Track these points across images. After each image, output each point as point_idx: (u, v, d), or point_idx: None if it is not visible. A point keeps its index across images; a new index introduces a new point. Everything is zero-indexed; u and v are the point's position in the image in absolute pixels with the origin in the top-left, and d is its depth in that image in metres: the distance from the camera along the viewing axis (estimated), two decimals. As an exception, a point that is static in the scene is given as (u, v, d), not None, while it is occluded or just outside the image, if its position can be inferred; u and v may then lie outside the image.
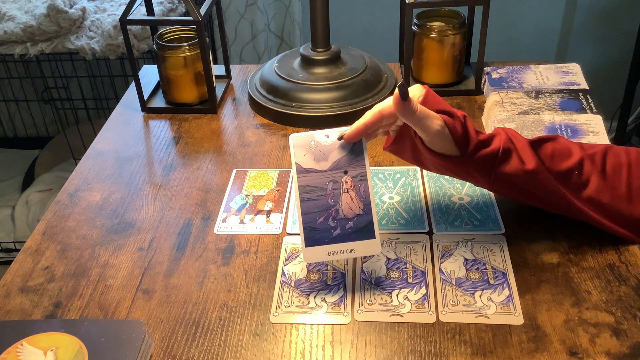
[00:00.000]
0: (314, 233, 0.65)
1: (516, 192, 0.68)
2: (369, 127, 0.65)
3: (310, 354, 0.60)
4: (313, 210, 0.65)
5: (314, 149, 0.66)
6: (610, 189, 0.67)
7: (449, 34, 0.99)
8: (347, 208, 0.65)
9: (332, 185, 0.65)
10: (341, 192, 0.65)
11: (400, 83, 0.60)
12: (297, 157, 0.66)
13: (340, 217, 0.65)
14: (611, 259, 0.68)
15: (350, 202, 0.65)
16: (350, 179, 0.65)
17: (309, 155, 0.66)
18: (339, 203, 0.65)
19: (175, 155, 0.92)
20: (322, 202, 0.65)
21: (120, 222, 0.79)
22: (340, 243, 0.64)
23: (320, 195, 0.65)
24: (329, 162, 0.66)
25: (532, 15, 2.14)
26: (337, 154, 0.66)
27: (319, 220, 0.65)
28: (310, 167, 0.66)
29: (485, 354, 0.59)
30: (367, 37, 2.18)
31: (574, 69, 1.01)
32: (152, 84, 1.08)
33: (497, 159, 0.65)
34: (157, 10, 1.61)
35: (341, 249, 0.65)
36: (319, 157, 0.66)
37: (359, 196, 0.65)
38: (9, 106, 2.23)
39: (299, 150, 0.66)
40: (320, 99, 0.96)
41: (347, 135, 0.65)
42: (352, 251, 0.65)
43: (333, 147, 0.66)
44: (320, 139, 0.66)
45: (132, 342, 0.58)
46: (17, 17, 1.60)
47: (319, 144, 0.66)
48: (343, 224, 0.65)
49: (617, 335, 0.60)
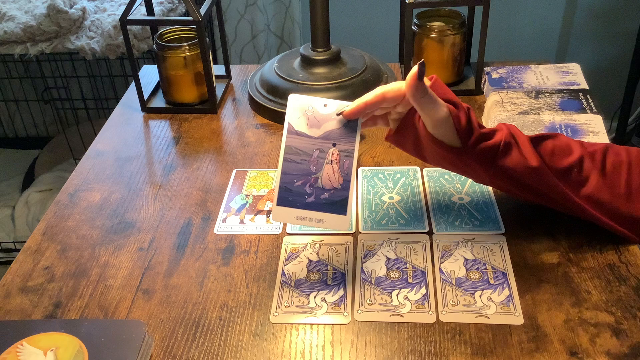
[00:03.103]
0: (288, 194, 0.65)
1: (516, 186, 0.68)
2: (369, 107, 0.65)
3: (310, 354, 0.60)
4: (293, 172, 0.65)
5: (310, 114, 0.66)
6: (609, 187, 0.67)
7: (449, 34, 0.99)
8: (326, 179, 0.65)
9: (318, 154, 0.66)
10: (325, 162, 0.65)
11: (421, 62, 0.61)
12: (291, 118, 0.66)
13: (317, 186, 0.65)
14: (611, 259, 0.68)
15: (331, 174, 0.65)
16: (337, 152, 0.66)
17: (303, 119, 0.66)
18: (320, 172, 0.65)
19: (175, 155, 0.92)
20: (304, 167, 0.65)
21: (120, 222, 0.79)
22: (311, 210, 0.65)
23: (304, 160, 0.65)
24: (321, 131, 0.66)
25: (532, 15, 2.14)
26: (331, 125, 0.66)
27: (297, 183, 0.65)
28: (302, 130, 0.66)
29: (485, 354, 0.59)
30: (367, 37, 2.18)
31: (574, 69, 1.01)
32: (152, 84, 1.08)
33: (498, 152, 0.65)
34: (157, 10, 1.61)
35: (310, 216, 0.65)
36: (312, 123, 0.66)
37: (341, 171, 0.65)
38: (9, 106, 2.23)
39: (294, 111, 0.67)
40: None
41: (347, 112, 0.66)
42: (320, 221, 0.65)
43: (328, 117, 0.67)
44: (318, 106, 0.67)
45: (132, 342, 0.58)
46: (17, 17, 1.60)
47: (315, 110, 0.67)
48: (319, 193, 0.65)
49: (617, 335, 0.60)
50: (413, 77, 0.61)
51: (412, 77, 0.61)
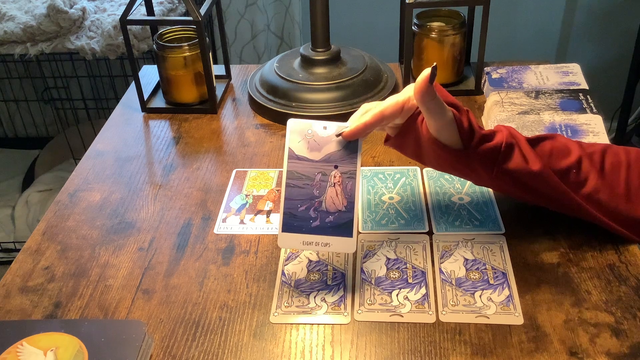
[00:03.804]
0: (293, 220, 0.65)
1: (518, 188, 0.68)
2: (369, 128, 0.65)
3: (310, 354, 0.60)
4: (297, 197, 0.65)
5: (309, 137, 0.66)
6: (608, 188, 0.67)
7: (449, 34, 0.99)
8: (330, 202, 0.65)
9: (320, 177, 0.65)
10: (328, 185, 0.65)
11: (434, 66, 0.60)
12: (291, 142, 0.66)
13: (322, 210, 0.65)
14: (611, 259, 0.68)
15: (334, 197, 0.65)
16: (340, 174, 0.65)
17: (303, 143, 0.66)
18: (324, 195, 0.65)
19: (175, 155, 0.92)
20: (307, 191, 0.65)
21: (120, 222, 0.79)
22: (317, 235, 0.65)
23: (307, 184, 0.65)
24: (322, 154, 0.66)
25: (532, 15, 2.14)
26: (331, 147, 0.66)
27: (301, 208, 0.65)
28: (302, 154, 0.66)
29: (485, 354, 0.59)
30: (367, 37, 2.18)
31: (574, 69, 1.01)
32: (152, 84, 1.08)
33: (500, 153, 0.65)
34: (157, 10, 1.61)
35: (317, 240, 0.65)
36: (312, 147, 0.66)
37: (344, 193, 0.65)
38: (9, 106, 2.23)
39: (294, 136, 0.66)
40: (320, 99, 0.96)
41: (346, 133, 0.65)
42: (327, 245, 0.65)
43: (329, 139, 0.66)
44: (317, 129, 0.66)
45: (132, 342, 0.58)
46: (17, 17, 1.60)
47: (315, 133, 0.66)
48: (323, 216, 0.65)
49: (617, 335, 0.60)
50: (425, 81, 0.60)
51: (424, 81, 0.60)
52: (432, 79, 0.60)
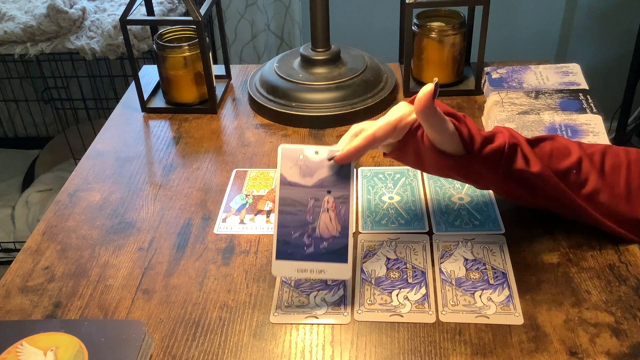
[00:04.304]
0: (287, 247, 0.64)
1: (523, 188, 0.68)
2: (361, 151, 0.64)
3: (310, 354, 0.60)
4: (290, 224, 0.64)
5: (301, 163, 0.65)
6: (608, 189, 0.67)
7: (449, 34, 0.99)
8: (324, 228, 0.64)
9: (313, 203, 0.64)
10: (321, 210, 0.64)
11: (436, 83, 0.59)
12: (283, 168, 0.65)
13: (315, 236, 0.64)
14: (611, 259, 0.68)
15: (328, 223, 0.64)
16: (333, 200, 0.64)
17: (295, 169, 0.65)
18: (317, 221, 0.64)
19: (175, 155, 0.92)
20: (301, 217, 0.64)
21: (120, 222, 0.79)
22: (311, 262, 0.64)
23: (300, 210, 0.64)
24: (314, 179, 0.65)
25: (532, 15, 2.14)
26: (324, 172, 0.65)
27: (294, 235, 0.64)
28: (295, 180, 0.65)
29: (485, 354, 0.59)
30: (367, 37, 2.18)
31: (574, 69, 1.01)
32: (152, 84, 1.08)
33: (503, 154, 0.65)
34: (157, 10, 1.61)
35: (311, 267, 0.64)
36: (304, 172, 0.65)
37: (338, 218, 0.64)
38: (9, 106, 2.23)
39: (286, 162, 0.65)
40: (320, 99, 0.96)
41: (338, 157, 0.64)
42: (322, 272, 0.64)
43: (321, 164, 0.65)
44: (309, 154, 0.65)
45: (132, 342, 0.58)
46: (17, 17, 1.60)
47: (307, 158, 0.65)
48: (317, 243, 0.64)
49: (617, 335, 0.60)
50: (427, 97, 0.59)
51: (426, 98, 0.59)
52: (434, 94, 0.59)
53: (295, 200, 0.64)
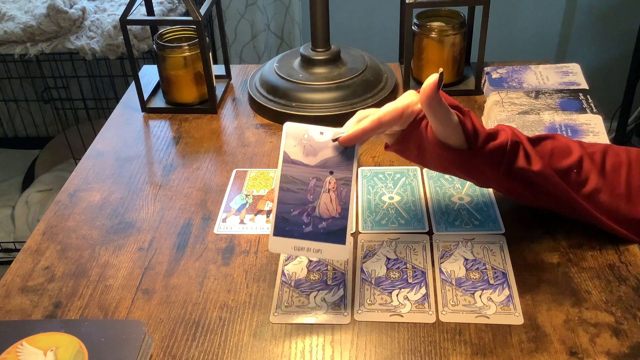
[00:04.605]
0: (285, 224, 0.64)
1: (524, 187, 0.68)
2: (366, 134, 0.64)
3: (310, 354, 0.60)
4: (290, 202, 0.64)
5: (305, 142, 0.65)
6: (609, 188, 0.67)
7: (449, 34, 0.99)
8: (324, 208, 0.64)
9: (315, 182, 0.64)
10: (322, 191, 0.64)
11: (441, 72, 0.59)
12: (286, 146, 0.65)
13: (315, 215, 0.64)
14: (611, 259, 0.68)
15: (328, 203, 0.64)
16: (335, 181, 0.64)
17: (299, 147, 0.65)
18: (318, 201, 0.64)
19: (175, 155, 0.92)
20: (301, 196, 0.64)
21: (120, 222, 0.79)
22: (309, 240, 0.64)
23: (301, 189, 0.64)
24: (317, 159, 0.65)
25: (532, 15, 2.14)
26: (327, 153, 0.65)
27: (293, 212, 0.64)
28: (298, 159, 0.65)
29: (485, 354, 0.59)
30: (367, 37, 2.18)
31: (574, 69, 1.01)
32: (152, 84, 1.08)
33: (506, 151, 0.65)
34: (157, 10, 1.61)
35: (308, 246, 0.64)
36: (308, 152, 0.65)
37: (339, 199, 0.64)
38: (9, 106, 2.23)
39: (290, 140, 0.65)
40: (320, 99, 0.96)
41: (343, 139, 0.64)
42: (319, 251, 0.64)
43: (325, 145, 0.65)
44: (314, 134, 0.65)
45: (132, 342, 0.58)
46: (17, 17, 1.60)
47: (311, 138, 0.65)
48: (316, 222, 0.64)
49: (617, 335, 0.60)
50: (432, 87, 0.59)
51: (431, 88, 0.59)
52: (439, 85, 0.59)
53: (297, 179, 0.64)
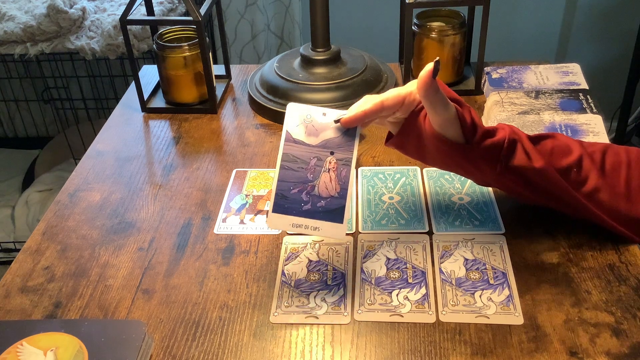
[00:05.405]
0: (284, 201, 0.65)
1: (521, 185, 0.68)
2: (368, 116, 0.65)
3: (310, 354, 0.60)
4: (290, 180, 0.65)
5: (308, 122, 0.66)
6: (609, 187, 0.67)
7: (449, 34, 0.99)
8: (323, 187, 0.65)
9: (315, 162, 0.65)
10: (322, 170, 0.65)
11: (437, 60, 0.60)
12: (289, 126, 0.66)
13: (314, 194, 0.65)
14: (611, 259, 0.68)
15: (328, 182, 0.65)
16: (335, 161, 0.66)
17: (301, 127, 0.66)
18: (317, 180, 0.65)
19: (175, 155, 0.92)
20: (301, 174, 0.65)
21: (120, 222, 0.79)
22: (307, 218, 0.65)
23: (301, 167, 0.65)
24: (319, 139, 0.66)
25: (532, 15, 2.14)
26: (329, 133, 0.66)
27: (293, 190, 0.65)
28: (299, 138, 0.66)
29: (485, 354, 0.59)
30: (367, 37, 2.18)
31: (574, 69, 1.01)
32: (152, 84, 1.08)
33: (502, 149, 0.65)
34: (157, 10, 1.61)
35: (306, 224, 0.65)
36: (310, 132, 0.66)
37: (338, 179, 0.65)
38: (9, 106, 2.23)
39: (293, 119, 0.66)
40: (320, 99, 0.96)
41: (345, 120, 0.66)
42: (316, 229, 0.65)
43: (327, 126, 0.66)
44: (316, 115, 0.67)
45: (132, 342, 0.58)
46: (17, 17, 1.60)
47: (314, 119, 0.67)
48: (315, 201, 0.65)
49: (617, 335, 0.60)
50: (428, 74, 0.60)
51: (427, 75, 0.60)
52: (435, 72, 0.60)
53: (298, 158, 0.66)
